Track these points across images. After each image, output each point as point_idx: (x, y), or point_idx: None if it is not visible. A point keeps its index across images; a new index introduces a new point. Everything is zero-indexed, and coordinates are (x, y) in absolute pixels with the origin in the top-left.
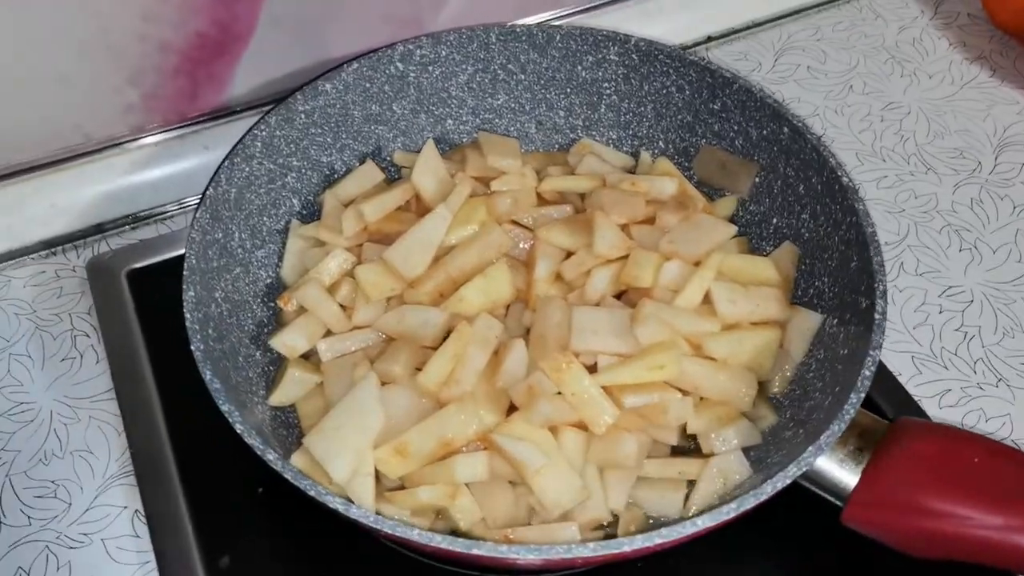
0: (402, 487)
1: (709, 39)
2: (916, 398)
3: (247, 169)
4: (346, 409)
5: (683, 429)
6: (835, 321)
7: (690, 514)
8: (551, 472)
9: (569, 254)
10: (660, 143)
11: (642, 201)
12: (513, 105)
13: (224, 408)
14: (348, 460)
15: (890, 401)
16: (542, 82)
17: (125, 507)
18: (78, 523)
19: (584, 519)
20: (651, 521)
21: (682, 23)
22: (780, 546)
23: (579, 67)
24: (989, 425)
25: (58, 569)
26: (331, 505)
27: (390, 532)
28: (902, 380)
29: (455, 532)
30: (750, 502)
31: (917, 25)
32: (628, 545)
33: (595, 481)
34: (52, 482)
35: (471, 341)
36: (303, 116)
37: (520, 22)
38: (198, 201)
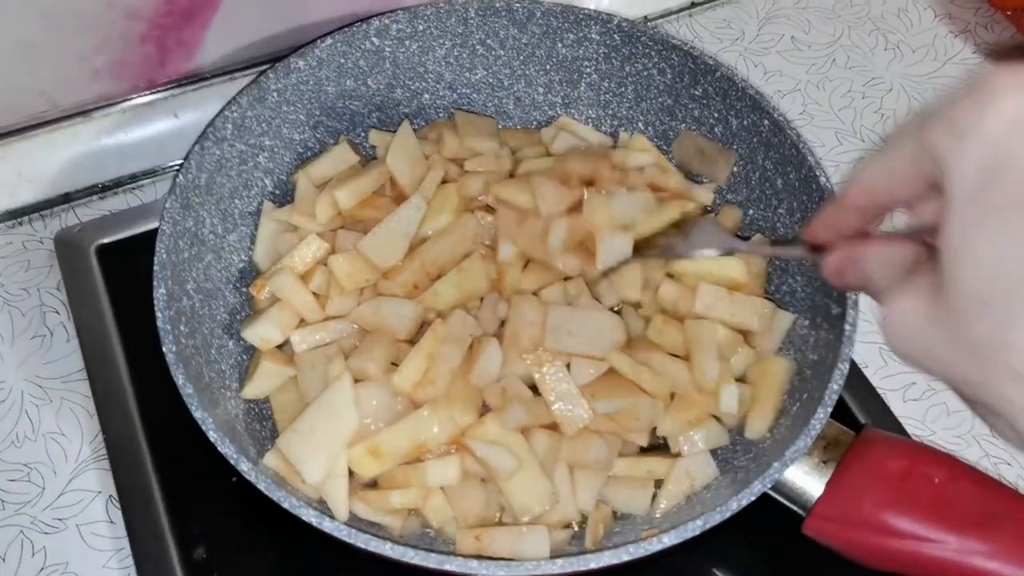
0: (375, 483)
1: (693, 4)
2: (881, 391)
3: (218, 152)
4: (320, 410)
5: (652, 430)
6: (806, 323)
7: (656, 513)
8: (522, 477)
9: None
10: (639, 124)
11: (607, 162)
12: (491, 81)
13: (197, 415)
14: (321, 462)
15: (856, 396)
16: (521, 58)
17: (99, 492)
18: (52, 508)
19: (553, 519)
20: (618, 517)
21: None
22: (742, 549)
23: (559, 44)
24: (951, 419)
25: (33, 555)
26: (305, 518)
27: (363, 547)
28: (868, 372)
29: (427, 528)
30: (715, 519)
31: None
32: (595, 562)
33: (565, 482)
34: (25, 465)
35: (445, 340)
36: (275, 95)
37: None
38: (168, 192)
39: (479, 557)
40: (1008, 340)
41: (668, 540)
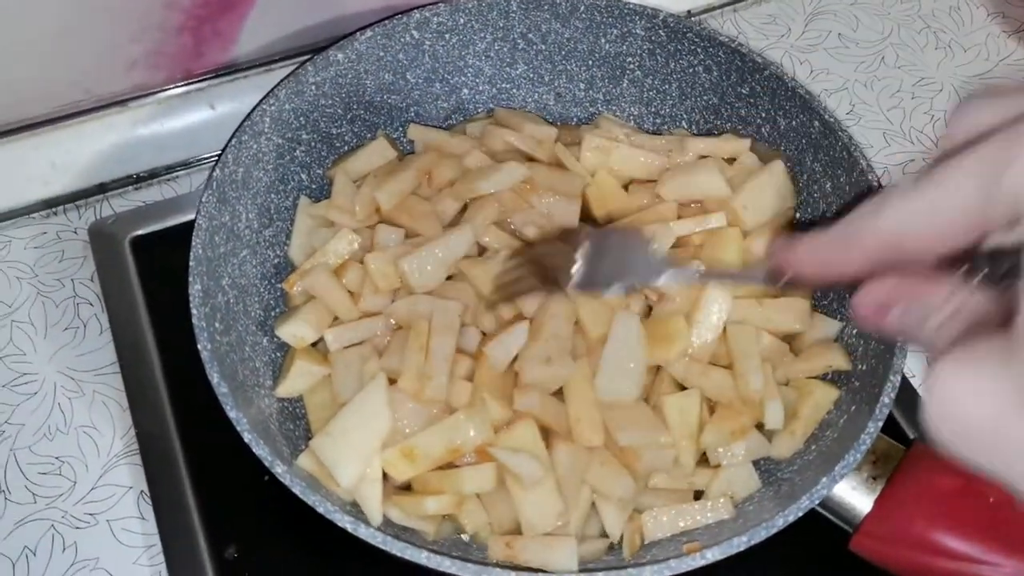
0: (409, 487)
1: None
2: None
3: (255, 146)
4: (354, 412)
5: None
6: (854, 331)
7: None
8: (535, 493)
9: None
10: (683, 123)
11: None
12: (532, 76)
13: (232, 415)
14: (355, 466)
15: (905, 409)
16: (563, 53)
17: (131, 487)
18: (83, 502)
19: (588, 532)
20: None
21: None
22: (787, 565)
23: (603, 39)
24: None
25: (64, 550)
26: (340, 524)
27: (399, 555)
28: (916, 382)
29: (460, 534)
30: (761, 535)
31: None
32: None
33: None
34: (57, 458)
35: (433, 332)
36: (313, 88)
37: None
38: (204, 186)
39: (511, 567)
40: None
41: (711, 556)
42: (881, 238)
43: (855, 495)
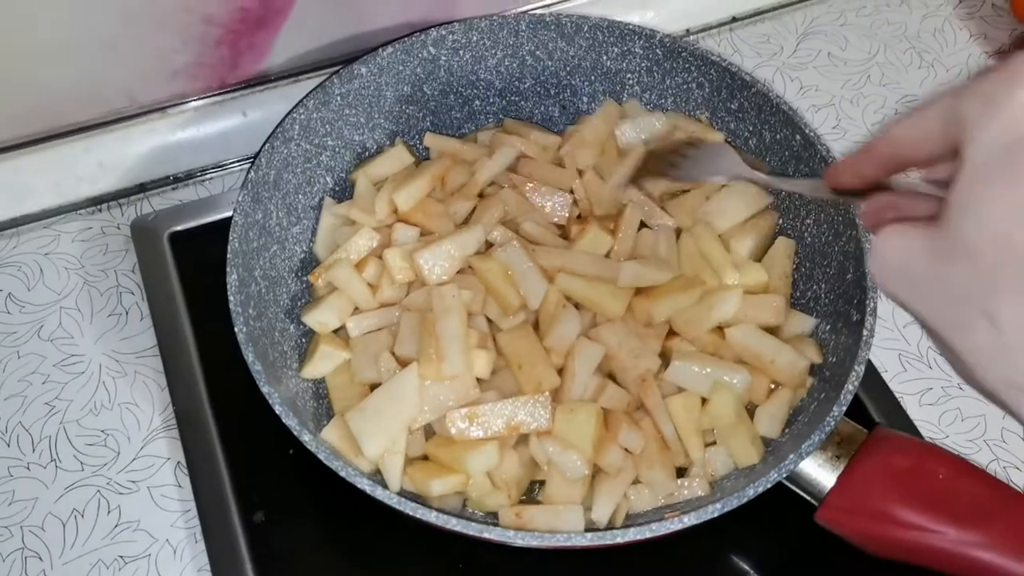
0: (425, 457)
1: (734, 19)
2: (898, 395)
3: (285, 151)
4: (387, 393)
5: None
6: (828, 327)
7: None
8: (563, 493)
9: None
10: None
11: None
12: (539, 89)
13: (265, 390)
14: (382, 440)
15: (873, 398)
16: (568, 69)
17: (168, 459)
18: (126, 471)
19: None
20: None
21: (709, 2)
22: (759, 535)
23: (604, 57)
24: (964, 424)
25: (108, 512)
26: (359, 486)
27: (411, 514)
28: (887, 376)
29: (467, 507)
30: (733, 503)
31: (941, 14)
32: (621, 537)
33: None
34: (102, 431)
35: (437, 318)
36: (339, 98)
37: (551, 7)
38: (240, 186)
39: (513, 527)
40: (989, 282)
41: (688, 520)
42: (887, 146)
43: (821, 472)
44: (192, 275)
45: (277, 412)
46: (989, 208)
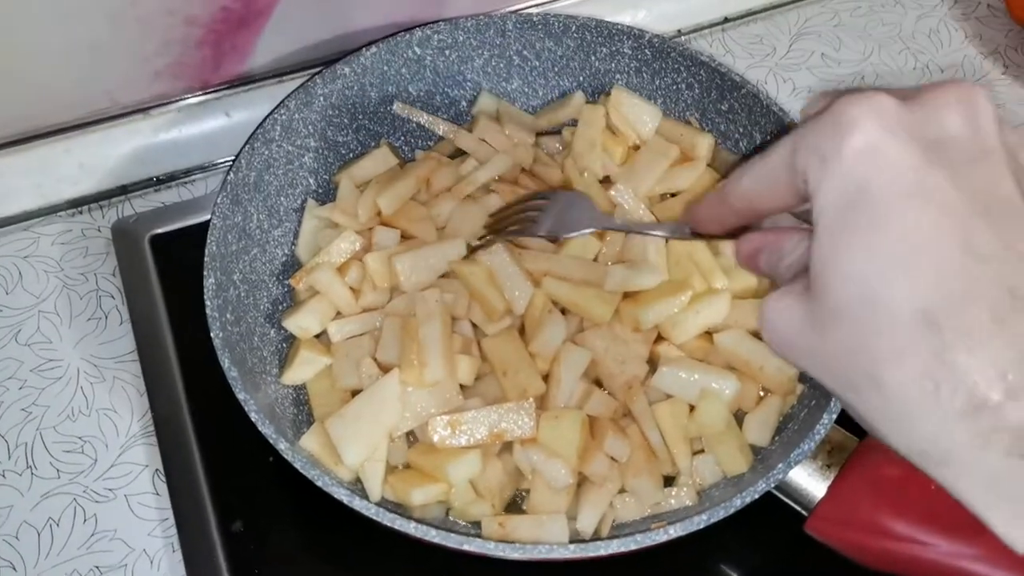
0: (408, 466)
1: (726, 20)
2: None
3: (266, 152)
4: (368, 400)
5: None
6: None
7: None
8: (548, 503)
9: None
10: None
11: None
12: (527, 90)
13: (241, 396)
14: (362, 448)
15: None
16: (556, 69)
17: (147, 466)
18: (103, 479)
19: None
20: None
21: (700, 2)
22: (747, 546)
23: (593, 57)
24: None
25: (85, 521)
26: (336, 496)
27: (389, 525)
28: None
29: (450, 516)
30: (720, 514)
31: (936, 15)
32: (605, 549)
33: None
34: (79, 438)
35: (419, 323)
36: (322, 99)
37: (538, 7)
38: (219, 188)
39: (494, 539)
40: (867, 346)
41: (674, 532)
42: (739, 198)
43: (811, 481)
44: (173, 279)
45: (253, 419)
46: (848, 267)
